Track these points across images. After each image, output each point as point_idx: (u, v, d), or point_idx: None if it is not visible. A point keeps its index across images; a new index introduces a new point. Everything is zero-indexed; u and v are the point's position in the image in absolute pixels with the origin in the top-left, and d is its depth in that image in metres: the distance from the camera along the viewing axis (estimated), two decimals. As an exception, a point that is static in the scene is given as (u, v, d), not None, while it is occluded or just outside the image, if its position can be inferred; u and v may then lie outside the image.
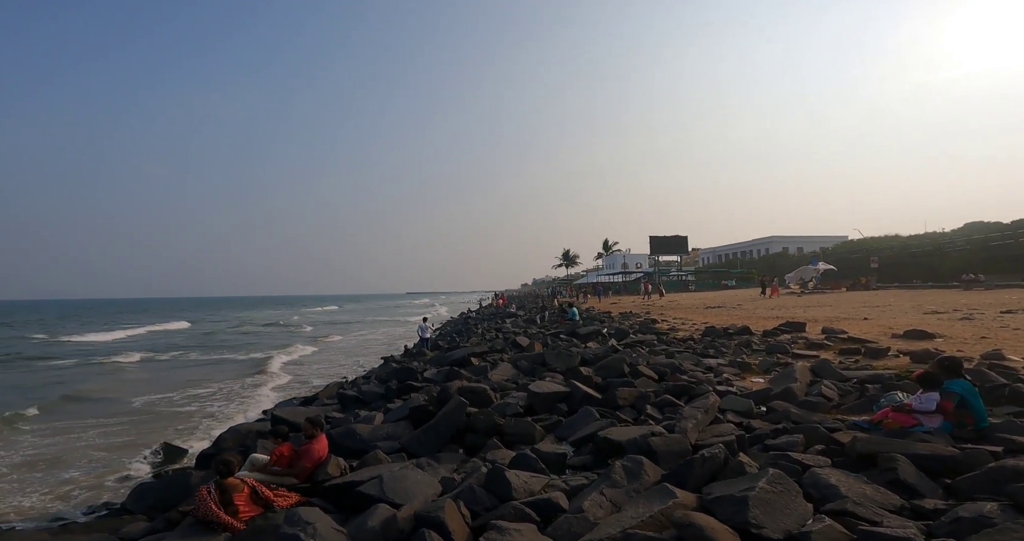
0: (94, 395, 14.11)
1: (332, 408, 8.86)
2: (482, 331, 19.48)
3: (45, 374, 19.17)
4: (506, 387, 8.14)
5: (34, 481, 7.27)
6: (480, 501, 3.93)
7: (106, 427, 10.40)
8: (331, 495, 4.48)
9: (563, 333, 15.37)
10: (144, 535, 4.33)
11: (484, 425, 5.91)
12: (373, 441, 5.89)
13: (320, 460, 5.01)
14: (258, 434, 6.92)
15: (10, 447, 9.13)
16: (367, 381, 11.58)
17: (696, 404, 5.60)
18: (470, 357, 11.21)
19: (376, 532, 3.50)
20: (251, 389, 14.42)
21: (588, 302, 37.54)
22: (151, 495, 5.35)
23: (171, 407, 12.45)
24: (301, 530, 3.33)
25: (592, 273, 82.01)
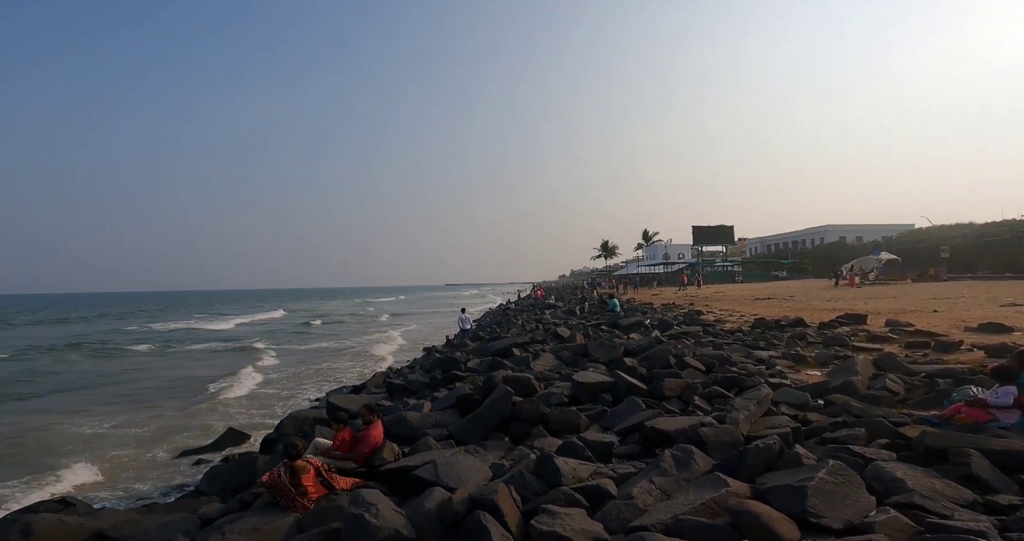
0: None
1: (380, 396, 9.26)
2: (522, 322, 19.65)
3: (217, 359, 20.91)
4: (549, 377, 8.25)
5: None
6: (530, 486, 4.05)
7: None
8: (387, 479, 4.73)
9: (604, 324, 15.30)
10: (220, 515, 4.56)
11: (529, 414, 6.07)
12: (422, 428, 6.17)
13: (377, 445, 5.29)
14: (315, 420, 7.35)
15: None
16: (412, 371, 12.01)
17: (748, 396, 5.52)
18: (512, 348, 11.42)
19: (432, 514, 3.69)
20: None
21: (628, 293, 36.98)
22: (222, 478, 5.85)
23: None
24: (365, 510, 3.53)
25: (632, 264, 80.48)
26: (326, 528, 3.66)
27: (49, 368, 18.81)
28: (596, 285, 48.35)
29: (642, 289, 42.49)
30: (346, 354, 20.95)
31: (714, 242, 56.52)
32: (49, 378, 16.65)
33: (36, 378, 16.74)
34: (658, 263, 65.06)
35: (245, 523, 3.92)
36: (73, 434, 9.74)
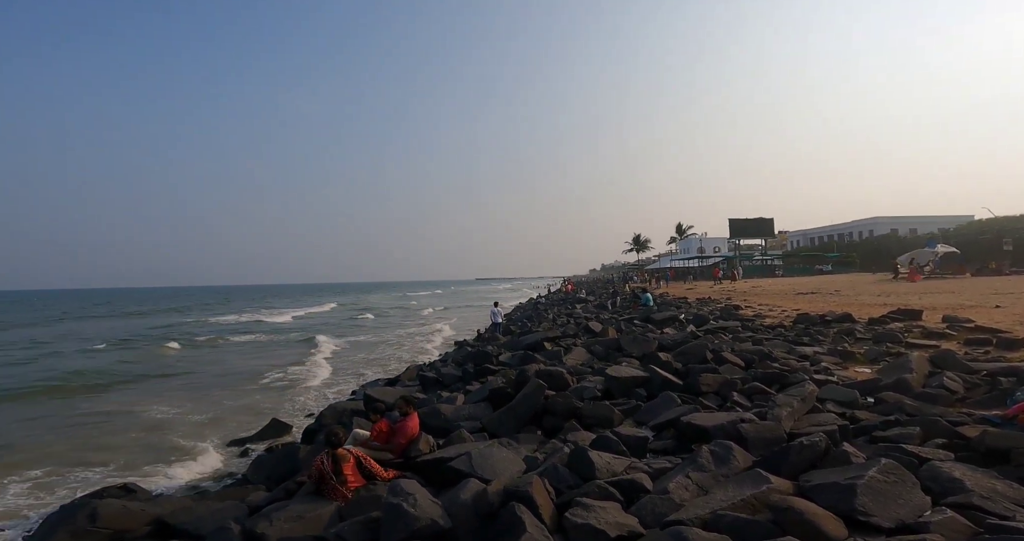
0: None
1: (414, 389, 9.47)
2: (553, 316, 19.65)
3: (288, 348, 21.87)
4: (582, 371, 8.25)
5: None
6: (563, 479, 4.08)
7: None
8: (423, 469, 4.83)
9: (637, 319, 15.13)
10: (267, 503, 4.69)
11: (562, 408, 6.08)
12: (456, 421, 6.27)
13: (413, 437, 5.42)
14: (352, 412, 7.59)
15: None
16: (445, 364, 12.21)
17: (791, 392, 5.37)
18: (543, 342, 11.44)
19: (468, 504, 3.77)
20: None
21: (662, 287, 36.32)
22: (267, 467, 6.11)
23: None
24: (403, 500, 3.64)
25: (665, 258, 78.85)
26: (366, 517, 3.80)
27: (149, 357, 20.15)
28: (628, 279, 47.69)
29: (676, 283, 41.63)
30: (404, 345, 21.86)
31: (752, 235, 54.60)
32: (149, 365, 17.86)
33: (135, 365, 18.06)
34: (692, 257, 63.58)
35: (290, 511, 4.09)
36: (146, 419, 10.37)
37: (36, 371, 16.98)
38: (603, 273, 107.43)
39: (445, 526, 3.56)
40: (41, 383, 14.66)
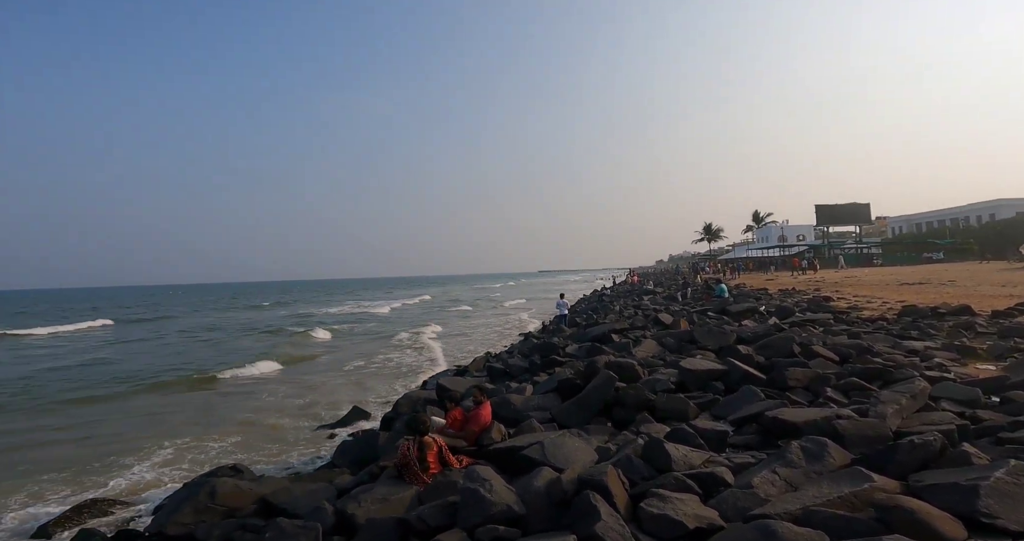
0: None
1: (482, 380, 9.73)
2: (619, 308, 19.39)
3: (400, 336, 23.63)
4: (653, 364, 8.12)
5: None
6: (637, 470, 4.08)
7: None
8: (495, 457, 4.98)
9: (711, 311, 14.57)
10: (353, 486, 4.96)
11: (634, 400, 6.04)
12: (525, 411, 6.40)
13: (486, 425, 5.61)
14: (425, 401, 8.00)
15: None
16: (511, 355, 12.48)
17: (898, 389, 4.96)
18: (610, 333, 11.36)
19: (542, 492, 3.86)
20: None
21: (738, 278, 34.45)
22: (351, 452, 6.59)
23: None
24: (480, 486, 3.79)
25: (740, 247, 74.54)
26: (443, 501, 4.01)
27: (303, 342, 22.60)
28: (699, 269, 45.69)
29: (752, 274, 39.29)
30: (509, 334, 22.91)
31: (844, 222, 50.15)
32: (304, 349, 20.13)
33: (275, 348, 20.56)
34: (772, 246, 59.52)
35: (376, 493, 4.39)
36: (262, 404, 11.55)
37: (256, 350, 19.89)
38: (671, 264, 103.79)
39: (520, 512, 3.69)
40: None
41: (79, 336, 30.64)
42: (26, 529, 5.62)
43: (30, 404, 12.41)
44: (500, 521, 3.61)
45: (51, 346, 25.87)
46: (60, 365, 18.87)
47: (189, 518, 4.68)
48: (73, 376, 16.33)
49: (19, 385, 14.82)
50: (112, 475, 7.36)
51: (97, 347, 24.72)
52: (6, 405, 12.36)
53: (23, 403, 12.54)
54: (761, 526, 2.73)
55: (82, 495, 6.52)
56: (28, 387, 14.53)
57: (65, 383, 15.06)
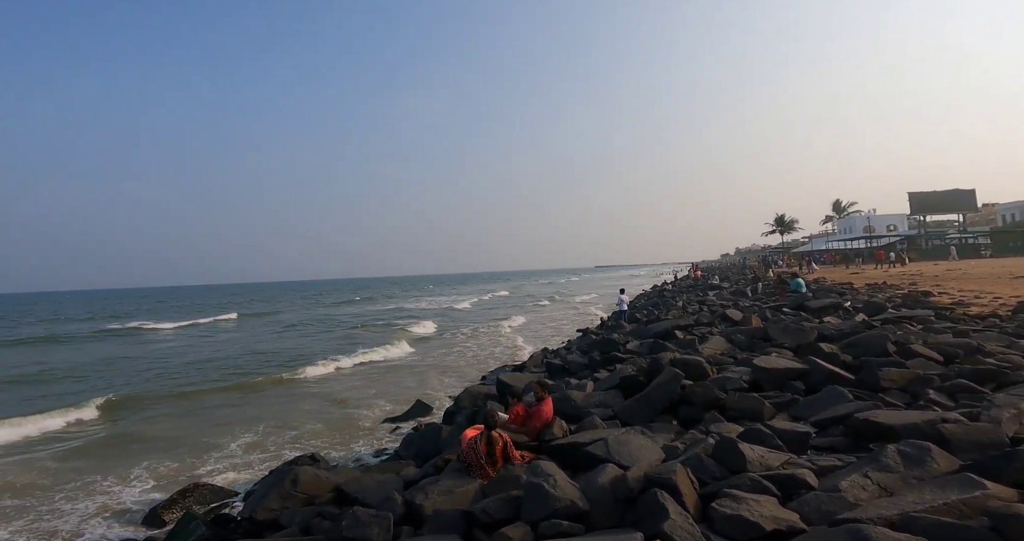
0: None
1: (541, 376, 9.86)
2: (683, 304, 18.89)
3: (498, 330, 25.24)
4: (722, 361, 7.92)
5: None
6: (707, 470, 4.01)
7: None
8: (557, 453, 5.06)
9: (786, 306, 13.87)
10: (420, 478, 5.20)
11: (702, 398, 5.94)
12: (586, 407, 6.46)
13: (548, 421, 5.70)
14: (486, 396, 8.24)
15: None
16: (569, 351, 12.53)
17: (1016, 392, 4.53)
18: (674, 330, 11.20)
19: (606, 488, 3.90)
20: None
21: (814, 272, 32.38)
22: (415, 444, 6.95)
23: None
24: (544, 481, 3.87)
25: (819, 239, 69.88)
26: (507, 494, 4.13)
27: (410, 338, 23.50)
28: (771, 263, 43.31)
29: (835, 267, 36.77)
30: (591, 325, 23.36)
31: (944, 210, 45.77)
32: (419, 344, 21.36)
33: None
34: (857, 237, 55.30)
35: (441, 485, 4.53)
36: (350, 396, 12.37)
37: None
38: (737, 258, 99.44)
39: (583, 508, 3.73)
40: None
41: (210, 328, 34.12)
42: (138, 512, 6.39)
43: (158, 390, 13.87)
44: (564, 516, 3.67)
45: (190, 337, 29.07)
46: (192, 355, 21.20)
47: (275, 504, 5.13)
48: (201, 364, 18.32)
49: (152, 372, 16.82)
50: (212, 460, 8.17)
51: (230, 337, 27.53)
52: (138, 391, 13.90)
53: (156, 389, 13.98)
54: (852, 530, 2.59)
55: (186, 477, 7.37)
56: (159, 374, 16.44)
57: (194, 370, 16.96)
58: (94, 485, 7.34)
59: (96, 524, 6.16)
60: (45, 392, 14.17)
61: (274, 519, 5.01)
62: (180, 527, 5.43)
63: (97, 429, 10.43)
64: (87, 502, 6.77)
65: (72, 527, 6.13)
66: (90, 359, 20.47)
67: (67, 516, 6.39)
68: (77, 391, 13.97)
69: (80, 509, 6.57)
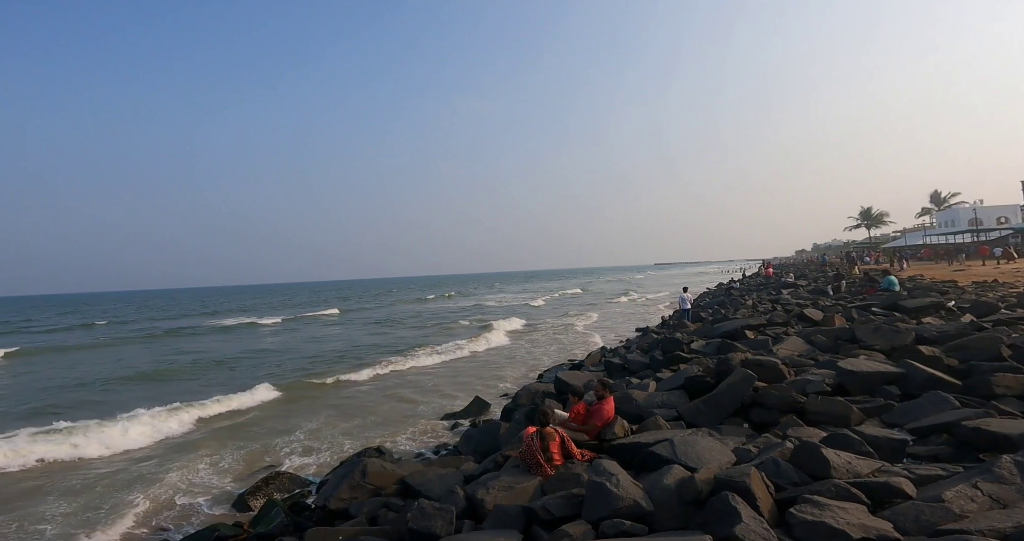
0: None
1: (599, 374, 9.82)
2: (753, 303, 18.21)
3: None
4: (801, 363, 7.63)
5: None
6: (785, 475, 3.90)
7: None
8: (618, 453, 5.09)
9: (875, 306, 13.03)
10: (480, 473, 5.39)
11: (777, 401, 5.82)
12: (649, 408, 6.44)
13: (609, 420, 5.74)
14: (544, 394, 8.36)
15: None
16: (629, 350, 12.44)
17: None
18: (744, 329, 10.94)
19: (671, 489, 3.88)
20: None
21: (906, 269, 30.13)
22: (474, 440, 7.19)
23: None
24: (607, 480, 3.90)
25: (914, 233, 64.80)
26: (568, 493, 4.20)
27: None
28: (858, 259, 40.65)
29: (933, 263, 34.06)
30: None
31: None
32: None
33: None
34: (962, 231, 50.74)
35: (502, 481, 4.67)
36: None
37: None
38: (815, 254, 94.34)
39: (647, 508, 3.74)
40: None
41: (316, 321, 36.88)
42: (226, 496, 7.02)
43: (250, 381, 14.88)
44: (626, 516, 3.69)
45: (306, 329, 31.39)
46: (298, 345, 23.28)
47: (346, 494, 5.51)
48: (304, 354, 19.95)
49: (297, 360, 18.43)
50: (291, 450, 8.78)
51: (344, 330, 29.78)
52: (228, 380, 15.22)
53: (301, 376, 15.14)
54: (958, 542, 2.47)
55: (259, 463, 8.06)
56: (311, 360, 18.09)
57: (292, 359, 18.48)
58: (197, 469, 8.05)
59: (194, 506, 6.79)
60: (212, 380, 15.71)
61: (345, 509, 5.37)
62: (262, 513, 5.94)
63: (244, 415, 11.36)
64: (193, 483, 7.47)
65: (167, 504, 6.83)
66: (231, 351, 22.65)
67: (170, 495, 7.09)
68: (239, 378, 15.40)
69: (183, 488, 7.27)
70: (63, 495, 7.23)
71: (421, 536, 4.10)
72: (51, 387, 15.45)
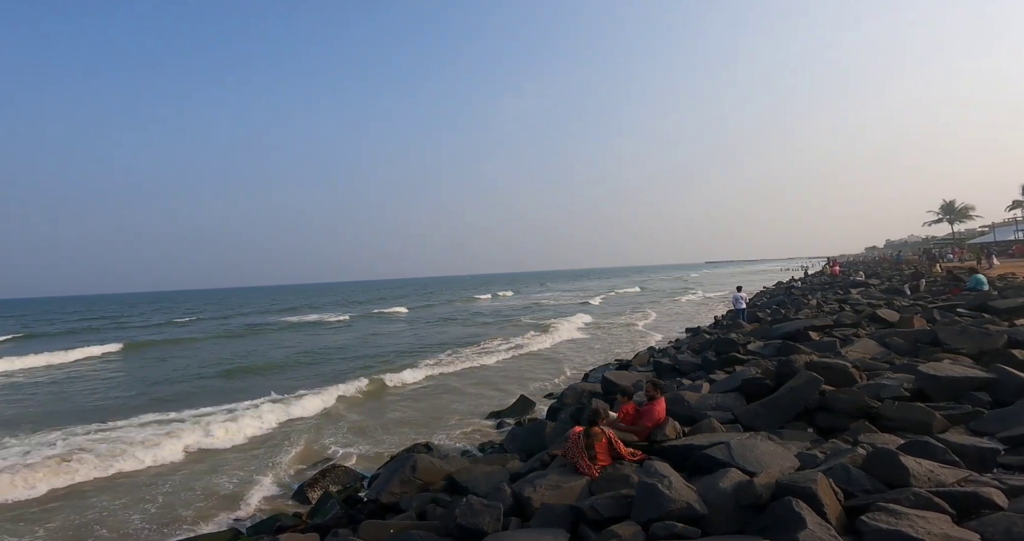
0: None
1: (648, 375, 9.72)
2: (817, 302, 17.57)
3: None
4: (874, 367, 7.32)
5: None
6: (856, 482, 3.79)
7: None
8: (670, 455, 5.04)
9: (960, 306, 12.28)
10: (524, 472, 5.48)
11: (847, 405, 5.65)
12: (702, 409, 6.36)
13: (660, 421, 5.71)
14: (591, 393, 8.38)
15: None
16: (679, 351, 12.23)
17: None
18: (807, 330, 10.59)
19: (728, 493, 3.82)
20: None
21: (997, 267, 28.07)
22: (520, 439, 7.32)
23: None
24: (658, 481, 3.87)
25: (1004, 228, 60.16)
26: (617, 493, 4.21)
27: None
28: (940, 256, 38.19)
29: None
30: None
31: None
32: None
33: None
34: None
35: (549, 480, 4.74)
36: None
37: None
38: (888, 251, 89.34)
39: (701, 511, 3.71)
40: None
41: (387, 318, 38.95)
42: (288, 486, 7.50)
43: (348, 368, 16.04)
44: (678, 518, 3.67)
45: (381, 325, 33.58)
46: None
47: (397, 489, 5.76)
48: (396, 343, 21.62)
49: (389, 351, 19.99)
50: (347, 442, 9.25)
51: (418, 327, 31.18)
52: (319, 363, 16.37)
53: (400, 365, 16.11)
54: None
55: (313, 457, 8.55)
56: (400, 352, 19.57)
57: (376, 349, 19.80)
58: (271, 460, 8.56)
59: (262, 495, 7.24)
60: (297, 374, 16.57)
61: (395, 503, 5.61)
62: (319, 505, 6.30)
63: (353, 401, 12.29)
64: (262, 474, 7.97)
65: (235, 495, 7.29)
66: (315, 345, 24.22)
67: (243, 485, 7.57)
68: (323, 373, 16.31)
69: (253, 479, 7.75)
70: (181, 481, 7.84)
71: (469, 532, 4.20)
72: (163, 379, 16.66)
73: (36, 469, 7.98)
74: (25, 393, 15.30)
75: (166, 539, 6.16)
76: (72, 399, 14.10)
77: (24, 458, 8.56)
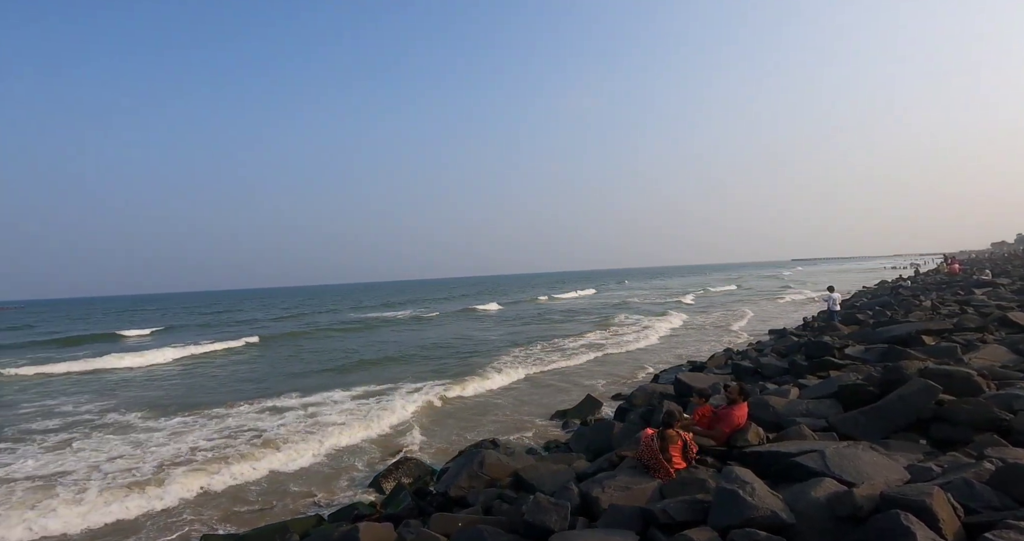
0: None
1: (725, 377, 9.47)
2: (932, 304, 16.38)
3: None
4: (1004, 375, 6.79)
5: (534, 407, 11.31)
6: (980, 498, 3.57)
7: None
8: (752, 461, 4.91)
9: (1126, 309, 11.11)
10: (591, 472, 5.56)
11: (971, 416, 5.32)
12: (790, 416, 6.14)
13: (739, 426, 5.56)
14: (662, 395, 8.31)
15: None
16: (762, 353, 11.74)
17: None
18: (919, 334, 9.92)
19: (821, 503, 3.67)
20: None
21: None
22: (586, 439, 7.40)
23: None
24: (740, 487, 3.81)
25: None
26: (691, 498, 4.13)
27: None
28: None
29: None
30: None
31: None
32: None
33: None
34: None
35: (618, 481, 4.80)
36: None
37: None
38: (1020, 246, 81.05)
39: (787, 520, 3.60)
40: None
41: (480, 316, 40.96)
42: (364, 477, 8.06)
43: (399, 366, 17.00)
44: (761, 526, 3.58)
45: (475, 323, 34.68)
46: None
47: (465, 483, 6.03)
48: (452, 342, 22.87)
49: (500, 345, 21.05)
50: (418, 436, 9.77)
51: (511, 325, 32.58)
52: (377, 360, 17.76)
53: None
54: None
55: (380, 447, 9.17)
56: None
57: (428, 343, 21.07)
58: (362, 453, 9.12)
59: (345, 483, 7.88)
60: (399, 370, 17.45)
61: (463, 496, 5.85)
62: (392, 496, 6.70)
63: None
64: (345, 464, 8.67)
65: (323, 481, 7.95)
66: (419, 340, 25.69)
67: (326, 476, 8.25)
68: (417, 369, 17.19)
69: (338, 467, 8.43)
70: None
71: (536, 529, 4.25)
72: (298, 371, 18.04)
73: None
74: (227, 368, 18.98)
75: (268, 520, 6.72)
76: (266, 379, 16.61)
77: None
